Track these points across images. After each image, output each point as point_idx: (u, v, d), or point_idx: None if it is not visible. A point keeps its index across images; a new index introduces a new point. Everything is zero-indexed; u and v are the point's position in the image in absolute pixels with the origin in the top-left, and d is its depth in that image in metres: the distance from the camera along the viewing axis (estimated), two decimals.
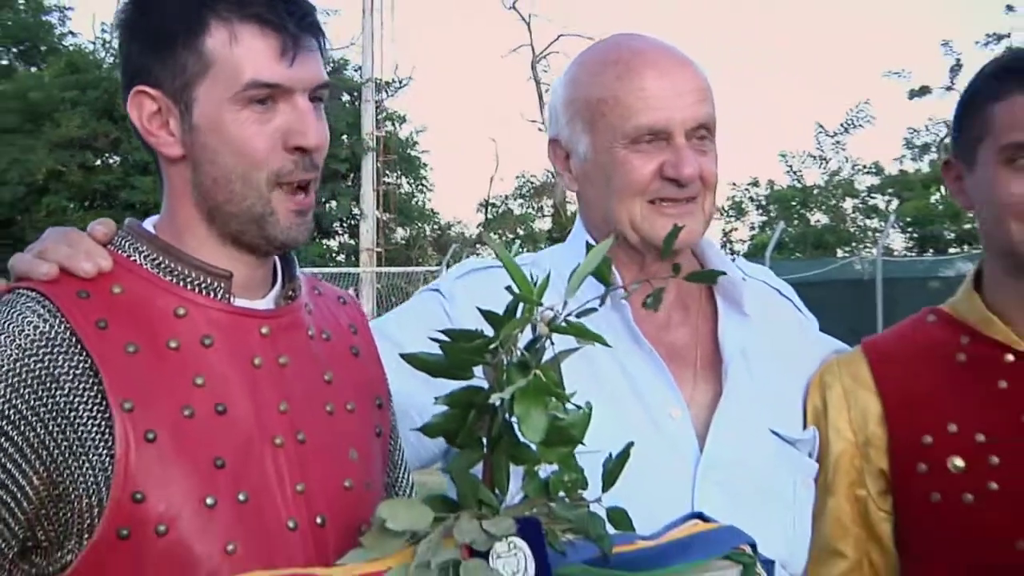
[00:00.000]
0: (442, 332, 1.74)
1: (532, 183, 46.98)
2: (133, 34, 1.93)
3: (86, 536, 1.78)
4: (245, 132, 1.86)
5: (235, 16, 1.84)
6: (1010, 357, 2.30)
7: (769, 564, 1.94)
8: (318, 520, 1.88)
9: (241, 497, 1.83)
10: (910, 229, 39.00)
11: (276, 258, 2.03)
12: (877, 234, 39.05)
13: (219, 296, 1.91)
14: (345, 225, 43.45)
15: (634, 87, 2.32)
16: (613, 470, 1.83)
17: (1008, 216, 2.23)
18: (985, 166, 2.27)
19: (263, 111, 1.87)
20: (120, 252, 1.91)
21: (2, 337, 1.77)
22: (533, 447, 1.71)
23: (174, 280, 1.90)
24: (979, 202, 2.32)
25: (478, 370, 1.74)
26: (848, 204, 41.73)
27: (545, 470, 1.77)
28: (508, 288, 1.70)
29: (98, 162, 42.10)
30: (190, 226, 1.93)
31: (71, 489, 1.77)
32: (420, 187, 46.35)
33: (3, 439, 1.74)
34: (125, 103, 1.93)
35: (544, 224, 45.88)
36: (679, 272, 1.97)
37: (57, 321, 1.80)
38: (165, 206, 1.98)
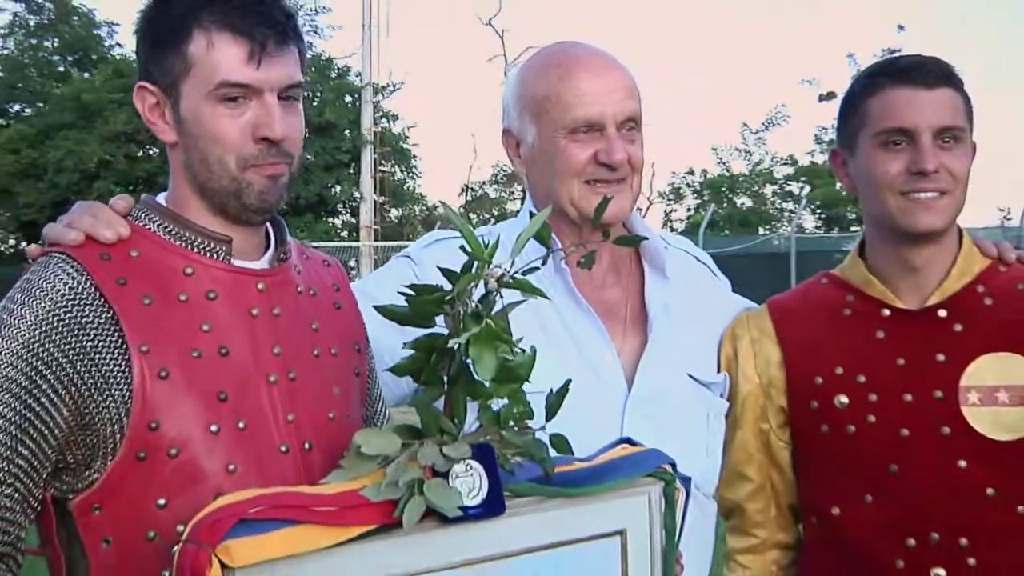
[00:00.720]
0: (408, 287, 1.75)
1: (504, 171, 47.14)
2: (140, 38, 1.95)
3: (109, 458, 1.79)
4: (219, 124, 1.88)
5: (214, 25, 1.85)
6: (886, 312, 2.33)
7: (686, 480, 1.95)
8: (306, 446, 1.90)
9: (240, 425, 1.84)
10: (819, 211, 39.34)
11: (269, 226, 2.03)
12: (791, 215, 39.33)
13: (221, 257, 1.92)
14: (347, 207, 43.63)
15: (572, 87, 2.32)
16: (554, 403, 1.84)
17: (884, 190, 2.26)
18: (864, 150, 2.30)
19: (235, 107, 1.88)
20: (137, 222, 1.92)
21: (36, 292, 1.79)
22: (486, 384, 1.73)
23: (182, 244, 1.91)
24: (861, 182, 2.34)
25: (440, 319, 1.75)
26: (768, 190, 42.13)
27: (496, 403, 1.78)
28: (462, 248, 1.71)
29: (140, 153, 42.25)
30: (188, 200, 1.95)
31: (96, 419, 1.78)
32: (411, 174, 46.56)
33: (38, 377, 1.75)
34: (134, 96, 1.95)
35: (515, 206, 46.27)
36: (609, 237, 2.03)
37: (83, 279, 1.80)
38: (170, 183, 2.00)
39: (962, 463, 2.23)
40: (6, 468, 1.74)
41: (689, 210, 45.64)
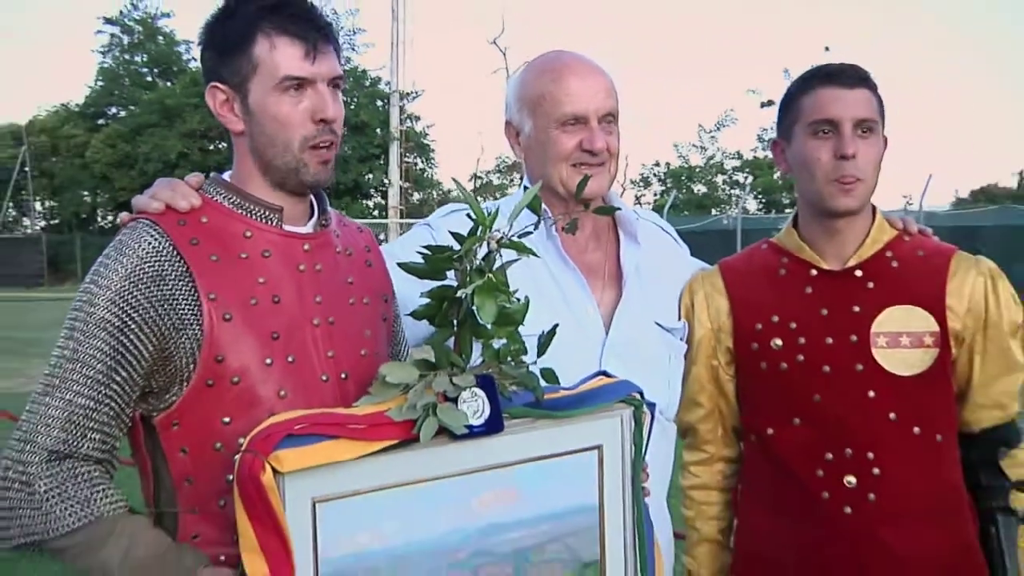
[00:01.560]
0: (425, 247, 1.77)
1: (506, 162, 47.20)
2: (207, 46, 1.93)
3: (184, 384, 1.80)
4: (284, 111, 1.87)
5: (274, 31, 1.85)
6: (814, 272, 2.34)
7: (652, 406, 1.96)
8: (342, 376, 1.90)
9: (289, 359, 1.85)
10: (760, 197, 39.35)
11: (313, 198, 2.02)
12: (738, 199, 39.26)
13: (274, 223, 1.92)
14: (377, 191, 44.19)
15: (563, 88, 2.33)
16: (544, 343, 1.84)
17: (816, 171, 2.26)
18: (799, 139, 2.30)
19: (296, 96, 1.87)
20: (206, 195, 1.92)
21: (126, 250, 1.80)
22: (488, 327, 1.75)
23: (243, 213, 1.91)
24: (796, 165, 2.34)
25: (450, 274, 1.76)
26: (719, 179, 42.05)
27: (497, 343, 1.78)
28: (469, 216, 1.72)
29: (212, 147, 43.11)
30: (250, 178, 1.94)
31: (174, 353, 1.79)
32: (429, 165, 46.98)
33: (127, 319, 1.76)
34: (205, 94, 1.95)
35: (516, 191, 46.21)
36: (589, 207, 2.03)
37: (164, 240, 1.81)
38: (234, 164, 1.99)
39: (871, 393, 2.25)
40: (103, 391, 1.76)
41: (655, 195, 45.61)
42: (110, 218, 48.79)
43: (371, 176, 44.25)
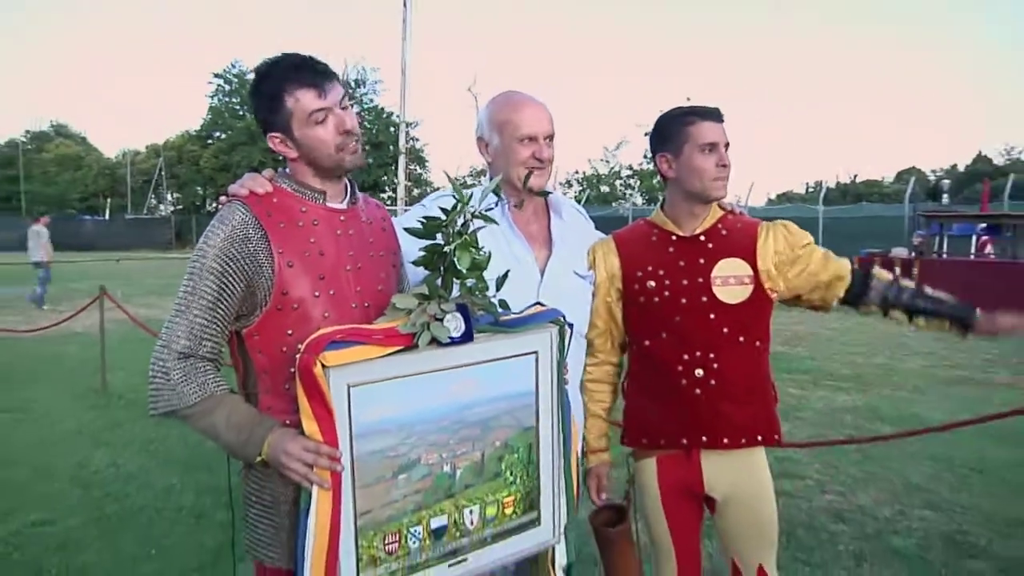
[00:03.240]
0: (423, 218, 1.75)
1: (476, 169, 46.87)
2: (257, 110, 1.89)
3: (262, 309, 1.78)
4: (319, 135, 1.84)
5: (294, 87, 1.82)
6: (674, 237, 2.34)
7: (571, 325, 1.96)
8: (366, 304, 1.88)
9: (331, 292, 1.82)
10: (644, 195, 39.04)
11: (347, 183, 1.99)
12: (630, 197, 39.28)
13: (320, 202, 1.89)
14: (390, 188, 44.11)
15: (521, 116, 2.29)
16: (499, 282, 1.83)
17: (704, 175, 2.26)
18: (688, 155, 2.28)
19: (323, 122, 1.84)
20: (277, 184, 1.89)
21: (225, 220, 1.78)
22: (464, 271, 1.72)
23: (300, 195, 1.88)
24: (684, 171, 2.31)
25: (439, 236, 1.73)
26: (617, 183, 41.61)
27: (469, 282, 1.76)
28: (452, 196, 1.71)
29: (281, 158, 42.82)
30: (303, 172, 1.90)
31: (256, 289, 1.77)
32: (425, 170, 47.23)
33: (227, 267, 1.75)
34: (267, 140, 1.92)
35: (483, 184, 46.04)
36: (532, 192, 2.11)
37: (249, 213, 1.78)
38: (290, 166, 1.93)
39: (711, 316, 2.25)
40: (212, 314, 1.75)
41: (576, 193, 45.30)
42: (215, 205, 49.33)
43: (386, 178, 44.35)
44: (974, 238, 16.78)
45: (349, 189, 1.98)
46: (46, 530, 4.34)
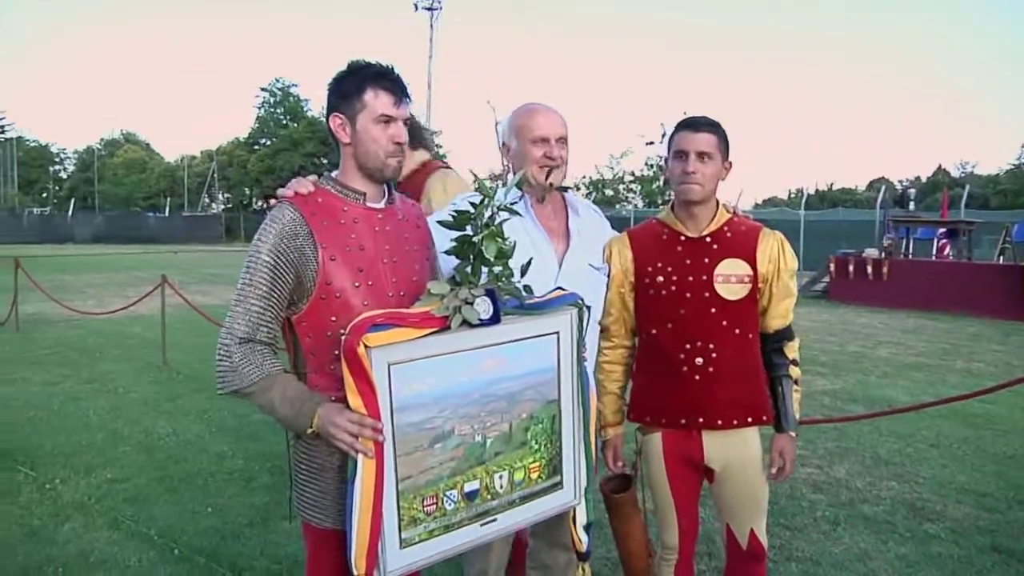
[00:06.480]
0: (453, 211, 1.72)
1: (495, 173, 46.94)
2: (333, 91, 1.83)
3: (309, 298, 1.74)
4: (377, 135, 1.80)
5: (377, 87, 1.78)
6: (683, 237, 2.28)
7: (588, 308, 1.92)
8: (401, 293, 1.83)
9: (369, 283, 1.78)
10: (645, 198, 38.69)
11: (385, 186, 1.93)
12: (632, 199, 39.15)
13: (361, 202, 1.85)
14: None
15: (533, 121, 2.27)
16: (524, 269, 1.79)
17: (674, 179, 2.24)
18: (670, 160, 2.26)
19: (385, 127, 1.80)
20: (321, 186, 1.85)
21: (276, 219, 1.74)
22: (491, 259, 1.69)
23: (342, 195, 1.84)
24: (670, 175, 2.28)
25: (468, 228, 1.70)
26: (621, 187, 41.22)
27: (496, 269, 1.72)
28: (479, 191, 1.68)
29: (321, 162, 44.22)
30: (350, 173, 1.86)
31: (304, 280, 1.73)
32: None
33: (279, 260, 1.71)
34: (327, 120, 1.86)
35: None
36: (552, 187, 2.07)
37: (296, 212, 1.74)
38: (341, 164, 1.90)
39: (712, 310, 2.21)
40: (267, 302, 1.72)
41: (584, 196, 45.09)
42: (261, 203, 51.65)
43: None
44: (935, 241, 16.71)
45: (387, 191, 1.94)
46: (119, 486, 4.40)
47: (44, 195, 61.78)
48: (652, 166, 36.07)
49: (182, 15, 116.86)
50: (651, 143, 32.90)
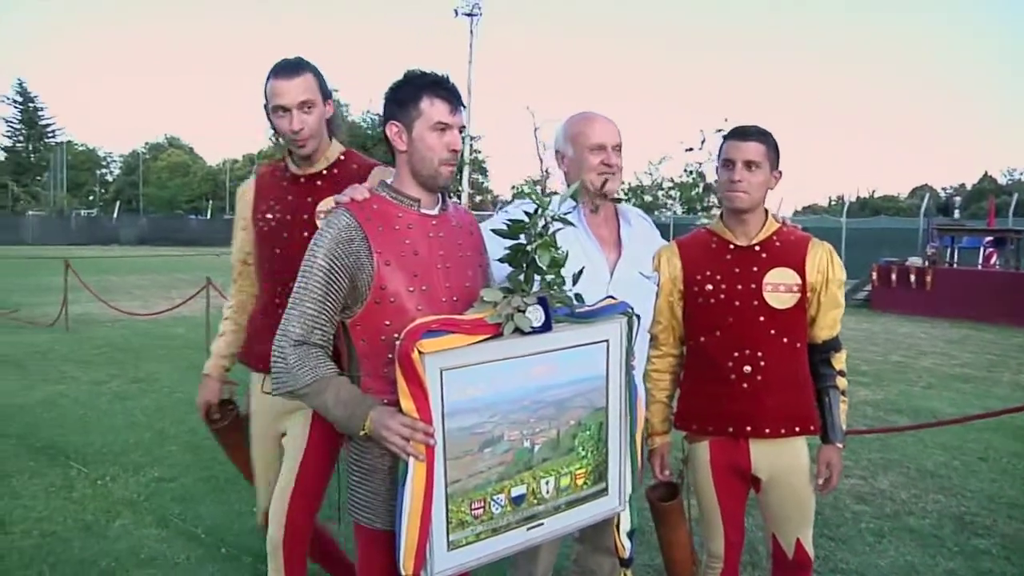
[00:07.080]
0: (508, 220, 1.73)
1: (533, 179, 47.22)
2: (389, 100, 1.86)
3: (363, 302, 1.76)
4: (432, 142, 1.81)
5: (433, 95, 1.80)
6: (732, 246, 2.26)
7: (638, 317, 1.92)
8: (455, 299, 1.84)
9: (424, 288, 1.79)
10: (684, 205, 38.28)
11: (440, 194, 1.95)
12: (672, 206, 38.74)
13: (415, 208, 1.86)
14: (453, 196, 44.38)
15: (591, 128, 2.30)
16: (576, 278, 1.79)
17: (721, 187, 2.24)
18: (719, 169, 2.26)
19: (441, 134, 1.82)
20: (376, 192, 1.87)
21: (332, 224, 1.76)
22: (544, 267, 1.69)
23: (397, 202, 1.85)
24: (719, 183, 2.28)
25: (522, 236, 1.70)
26: (660, 193, 40.86)
27: (548, 277, 1.72)
28: (533, 200, 1.69)
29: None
30: (406, 179, 1.87)
31: (358, 284, 1.75)
32: (485, 179, 47.62)
33: (334, 265, 1.73)
34: (383, 126, 1.88)
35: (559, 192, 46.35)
36: (607, 198, 2.04)
37: (351, 218, 1.77)
38: (396, 171, 1.92)
39: (761, 318, 2.19)
40: (322, 306, 1.74)
41: (627, 203, 44.96)
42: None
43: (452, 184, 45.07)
44: (981, 250, 16.35)
45: (441, 198, 1.95)
46: (167, 485, 4.49)
47: (91, 198, 63.49)
48: (691, 172, 35.76)
49: (230, 17, 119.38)
50: (690, 149, 32.76)
